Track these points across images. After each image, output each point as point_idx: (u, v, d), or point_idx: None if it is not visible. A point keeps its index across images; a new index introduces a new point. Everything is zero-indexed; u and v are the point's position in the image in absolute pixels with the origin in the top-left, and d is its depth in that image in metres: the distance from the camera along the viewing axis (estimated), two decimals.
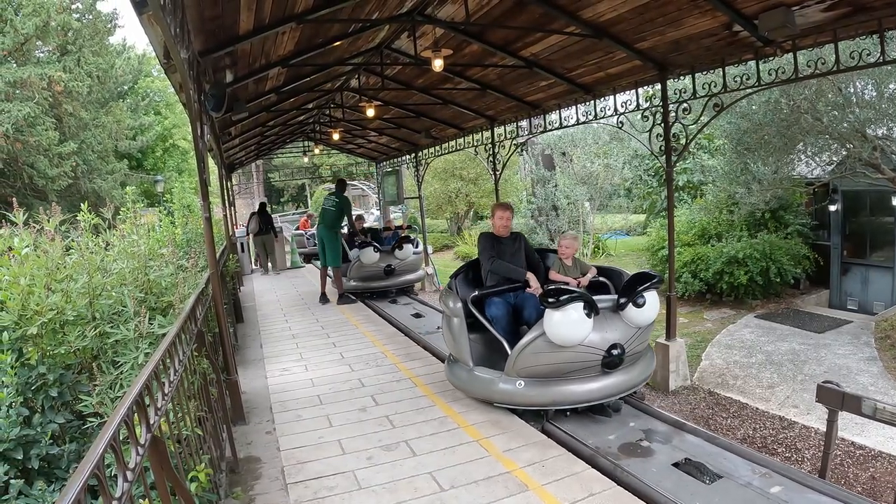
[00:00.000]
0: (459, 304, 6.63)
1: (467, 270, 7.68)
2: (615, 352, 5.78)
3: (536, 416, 6.21)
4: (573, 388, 5.91)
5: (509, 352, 6.02)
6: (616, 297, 5.88)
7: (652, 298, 5.84)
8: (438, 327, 11.27)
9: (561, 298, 5.44)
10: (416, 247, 14.87)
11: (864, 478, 7.30)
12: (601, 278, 6.87)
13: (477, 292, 6.70)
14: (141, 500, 2.82)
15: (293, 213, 44.56)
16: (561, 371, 5.87)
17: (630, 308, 5.78)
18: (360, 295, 14.29)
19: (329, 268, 13.54)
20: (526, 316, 6.60)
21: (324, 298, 13.76)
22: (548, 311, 5.56)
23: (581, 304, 5.47)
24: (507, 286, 6.71)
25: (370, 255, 13.83)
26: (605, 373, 5.92)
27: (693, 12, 6.78)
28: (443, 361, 8.48)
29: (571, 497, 4.55)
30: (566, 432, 6.01)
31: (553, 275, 6.91)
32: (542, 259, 7.52)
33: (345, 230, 14.05)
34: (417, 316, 12.50)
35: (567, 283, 6.49)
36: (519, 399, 6.05)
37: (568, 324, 5.47)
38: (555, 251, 7.46)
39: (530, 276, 6.63)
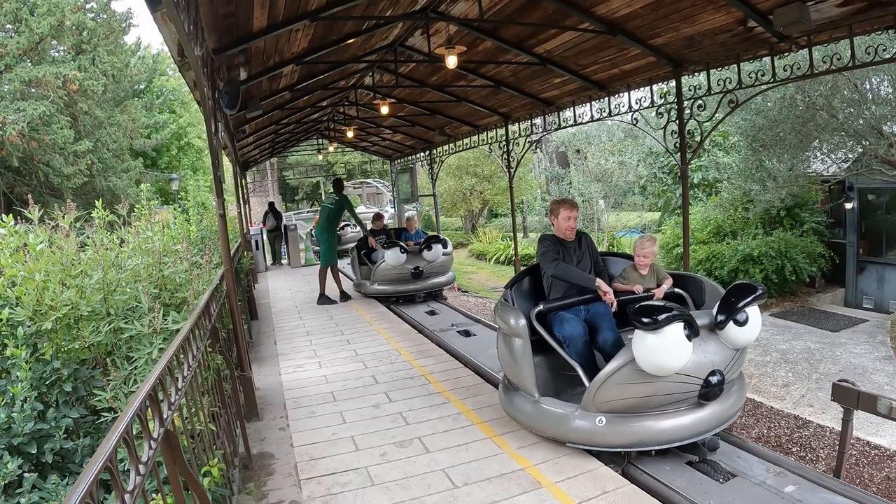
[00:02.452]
0: (523, 322, 5.45)
1: (524, 279, 6.49)
2: (714, 379, 4.75)
3: (615, 458, 5.15)
4: (663, 424, 4.87)
5: (585, 381, 5.08)
6: (714, 313, 4.89)
7: (755, 314, 4.87)
8: (452, 325, 11.28)
9: (659, 318, 4.42)
10: (446, 247, 13.91)
11: (880, 478, 7.26)
12: (676, 289, 5.96)
13: (542, 306, 5.70)
14: (154, 495, 2.83)
15: (307, 211, 44.71)
16: (649, 405, 4.85)
17: (730, 327, 4.79)
18: (385, 300, 13.44)
19: (327, 267, 13.60)
20: (601, 340, 5.56)
21: (343, 296, 13.76)
22: (639, 334, 4.55)
23: (681, 325, 4.49)
24: (578, 298, 5.74)
25: (396, 257, 13.04)
26: (700, 405, 4.90)
27: (707, 8, 6.73)
28: (457, 359, 8.50)
29: (584, 495, 4.54)
30: None
31: (617, 285, 5.90)
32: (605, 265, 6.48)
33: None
34: (432, 313, 12.51)
35: (633, 293, 5.74)
36: (599, 439, 5.01)
37: (665, 349, 4.46)
38: (622, 255, 6.70)
39: (600, 284, 5.63)
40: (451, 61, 8.28)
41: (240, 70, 7.88)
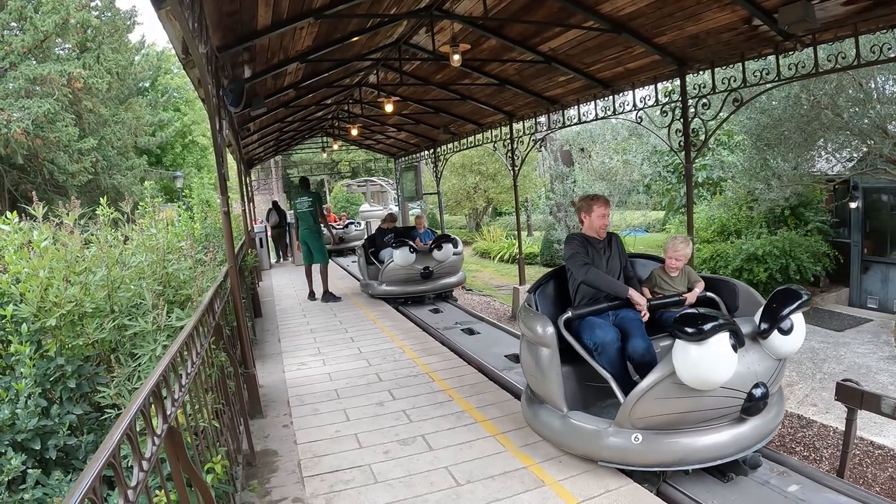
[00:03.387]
0: (551, 330, 5.02)
1: (549, 282, 6.01)
2: (758, 392, 4.35)
3: (650, 476, 4.80)
4: (703, 440, 4.47)
5: (619, 396, 4.66)
6: (757, 321, 4.47)
7: (799, 322, 4.50)
8: (456, 323, 11.28)
9: (705, 328, 4.00)
10: (457, 246, 13.48)
11: (883, 478, 7.24)
12: (708, 293, 5.52)
13: (570, 312, 5.30)
14: (157, 491, 2.83)
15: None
16: (689, 421, 4.46)
17: (775, 335, 4.40)
18: (393, 301, 13.02)
19: (317, 265, 13.78)
20: (631, 348, 5.08)
21: (312, 296, 13.94)
22: (680, 344, 4.14)
23: (727, 335, 4.07)
24: (607, 304, 5.37)
25: (405, 256, 12.61)
26: (741, 419, 4.51)
27: (712, 6, 6.73)
28: (461, 357, 8.50)
29: (587, 493, 4.54)
30: None
31: (646, 290, 5.60)
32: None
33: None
34: (436, 311, 12.51)
35: (663, 296, 5.42)
36: (635, 458, 4.60)
37: (710, 361, 4.05)
38: (650, 257, 6.31)
39: (634, 295, 5.23)
40: (456, 59, 8.28)
41: (244, 68, 7.89)
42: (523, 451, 5.32)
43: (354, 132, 17.11)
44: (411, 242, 13.03)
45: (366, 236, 17.84)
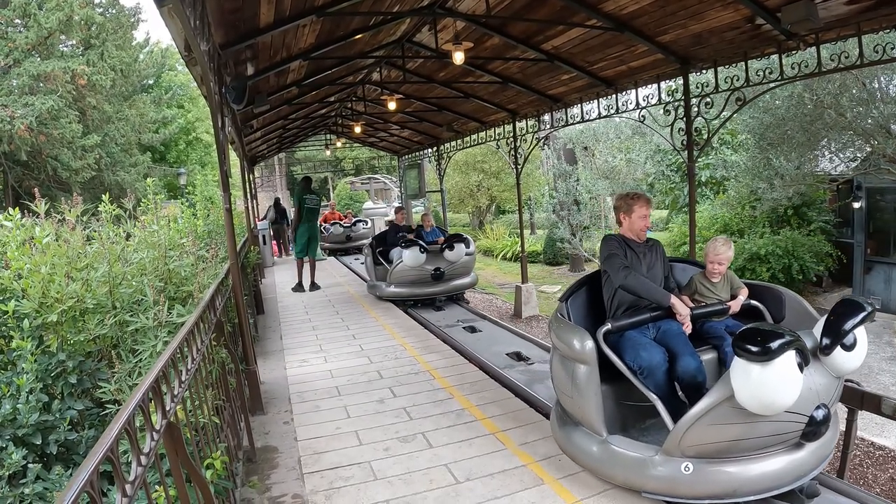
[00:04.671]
0: (591, 345, 4.46)
1: (582, 289, 5.43)
2: (820, 415, 3.86)
3: None
4: (758, 468, 4.00)
5: (668, 421, 4.16)
6: (818, 336, 3.94)
7: (862, 336, 4.00)
8: (458, 321, 11.28)
9: (772, 346, 3.48)
10: (469, 246, 12.93)
11: (884, 479, 7.24)
12: (752, 301, 5.03)
13: (610, 324, 4.68)
14: (156, 487, 2.84)
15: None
16: (744, 448, 3.98)
17: (837, 352, 3.87)
18: (402, 303, 12.50)
19: (311, 257, 14.63)
20: (681, 368, 4.45)
21: (312, 286, 14.63)
22: (741, 364, 3.62)
23: (793, 353, 3.58)
24: (650, 314, 4.78)
25: (415, 257, 12.10)
26: (798, 445, 4.04)
27: (715, 5, 6.72)
28: (462, 355, 8.50)
29: (586, 491, 4.55)
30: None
31: (686, 300, 5.02)
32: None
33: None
34: (438, 309, 12.48)
35: (705, 305, 4.88)
36: (685, 489, 4.12)
37: (775, 383, 3.55)
38: (688, 261, 5.84)
39: (676, 304, 4.70)
40: (459, 57, 8.28)
41: (247, 65, 7.89)
42: (522, 449, 5.32)
43: (358, 130, 17.11)
44: (422, 242, 12.55)
45: (373, 235, 17.67)
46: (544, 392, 7.37)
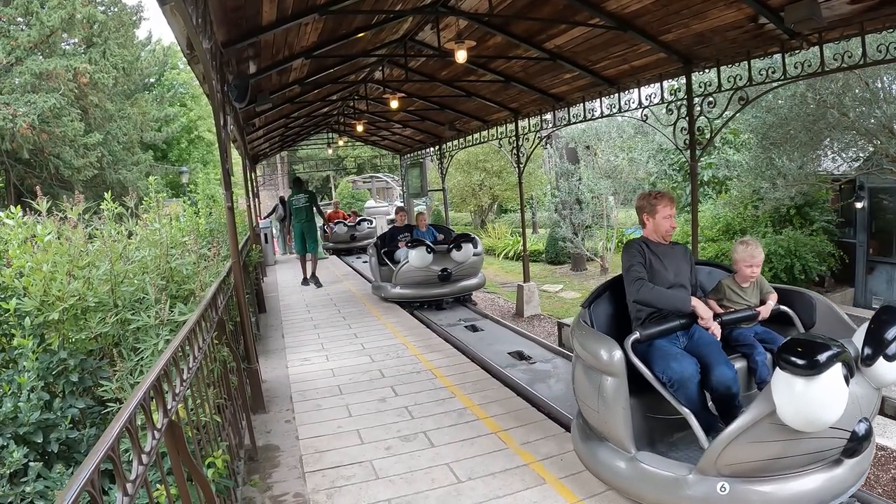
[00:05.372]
0: (619, 356, 4.11)
1: (605, 294, 5.05)
2: (862, 429, 3.55)
3: None
4: (797, 487, 3.74)
5: (702, 439, 3.88)
6: (860, 345, 3.62)
7: None
8: (460, 320, 11.28)
9: (820, 359, 3.18)
10: (476, 246, 12.57)
11: (886, 479, 7.22)
12: (782, 306, 4.74)
13: (638, 333, 4.30)
14: (157, 485, 2.84)
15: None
16: (782, 467, 3.71)
17: (880, 362, 3.56)
18: (408, 305, 12.15)
19: (310, 253, 15.19)
20: (716, 379, 4.17)
21: (312, 281, 15.19)
22: (784, 378, 3.32)
23: (839, 366, 3.25)
24: (679, 322, 4.47)
25: (422, 257, 11.76)
26: (837, 461, 3.76)
27: (718, 4, 6.71)
28: (464, 354, 8.49)
29: (589, 491, 4.54)
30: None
31: (714, 305, 4.76)
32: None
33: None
34: (440, 308, 12.46)
35: (733, 310, 4.62)
36: None
37: (822, 398, 3.25)
38: (715, 265, 5.50)
39: (699, 306, 4.45)
40: (461, 56, 8.29)
41: (249, 63, 7.88)
42: (525, 448, 5.31)
43: (360, 128, 17.11)
44: (429, 242, 12.26)
45: (377, 234, 17.56)
46: (546, 391, 7.39)
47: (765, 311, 4.62)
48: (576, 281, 20.43)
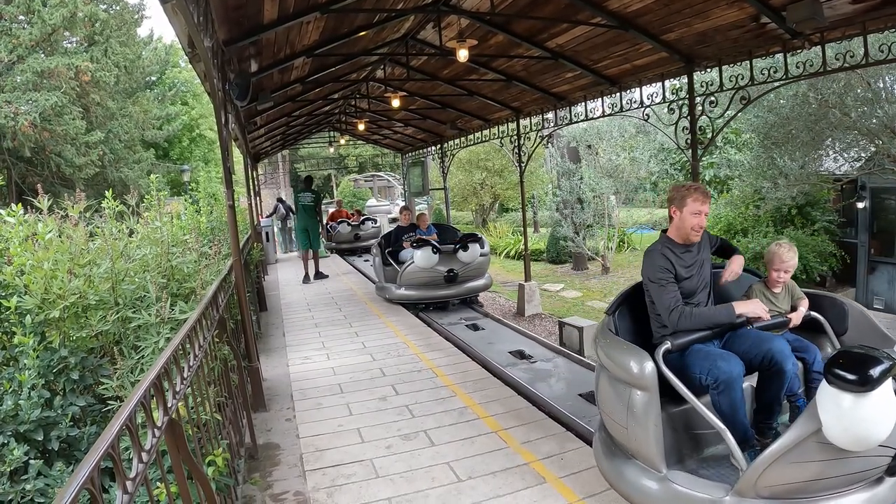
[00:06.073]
0: (651, 367, 3.74)
1: (629, 300, 4.65)
2: None
3: None
4: None
5: (739, 458, 3.56)
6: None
7: None
8: (461, 318, 11.26)
9: (873, 374, 2.91)
10: (483, 247, 12.26)
11: None
12: (812, 312, 4.43)
13: (669, 342, 3.94)
14: (158, 483, 2.84)
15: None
16: (825, 487, 3.40)
17: None
18: (412, 306, 11.86)
19: (312, 250, 15.99)
20: (775, 348, 3.88)
21: (315, 277, 15.91)
22: (831, 394, 3.03)
23: (890, 380, 2.98)
24: (714, 329, 4.08)
25: (428, 257, 11.43)
26: (879, 480, 3.46)
27: (720, 3, 6.70)
28: (465, 353, 8.49)
29: (589, 490, 4.53)
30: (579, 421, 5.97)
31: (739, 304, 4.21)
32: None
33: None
34: (445, 310, 12.43)
35: (760, 318, 4.07)
36: None
37: (873, 414, 2.99)
38: (747, 270, 4.91)
39: (743, 308, 4.05)
40: (463, 55, 8.27)
41: (250, 62, 7.89)
42: (525, 447, 5.30)
43: (361, 127, 17.11)
44: (435, 242, 11.88)
45: (381, 234, 17.33)
46: (546, 390, 7.39)
47: (796, 318, 4.31)
48: (577, 280, 20.41)
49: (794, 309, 4.42)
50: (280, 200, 24.00)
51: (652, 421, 3.74)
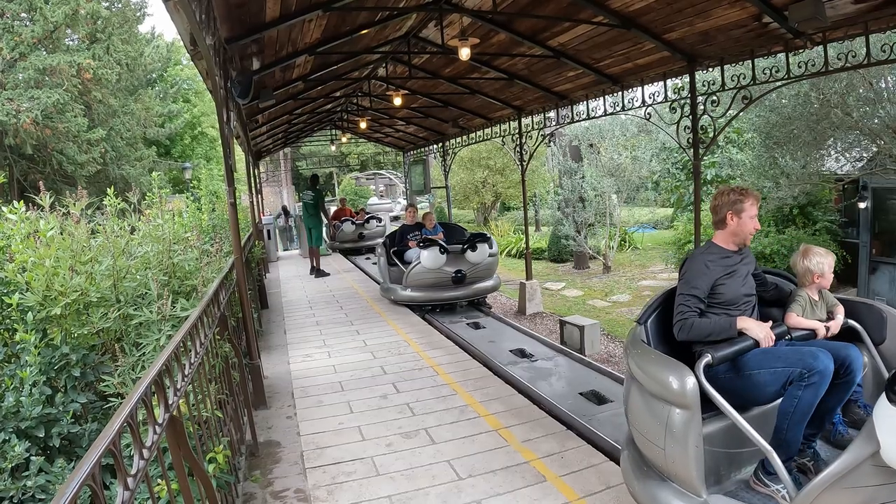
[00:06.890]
0: (693, 384, 3.38)
1: (661, 308, 4.28)
2: None
3: None
4: None
5: (788, 483, 3.23)
6: None
7: None
8: (463, 317, 11.25)
9: None
10: (492, 247, 12.05)
11: None
12: (849, 321, 4.09)
13: (709, 356, 3.54)
14: (158, 480, 2.84)
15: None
16: None
17: None
18: (419, 308, 11.60)
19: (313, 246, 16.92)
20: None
21: (316, 273, 16.42)
22: (892, 411, 2.69)
23: None
24: (753, 340, 3.69)
25: (435, 258, 11.20)
26: None
27: (722, 3, 6.69)
28: (466, 351, 8.49)
29: (589, 489, 4.54)
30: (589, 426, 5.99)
31: (795, 319, 4.00)
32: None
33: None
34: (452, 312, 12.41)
35: (808, 329, 3.90)
36: None
37: None
38: (777, 274, 4.78)
39: (745, 325, 3.75)
40: (465, 53, 8.27)
41: (252, 60, 7.89)
42: (526, 445, 5.31)
43: (363, 125, 17.14)
44: (442, 241, 11.68)
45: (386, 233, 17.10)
46: (547, 389, 7.40)
47: (835, 327, 3.96)
48: (578, 279, 20.39)
49: (830, 317, 4.11)
50: (284, 210, 24.86)
51: (692, 441, 3.44)
